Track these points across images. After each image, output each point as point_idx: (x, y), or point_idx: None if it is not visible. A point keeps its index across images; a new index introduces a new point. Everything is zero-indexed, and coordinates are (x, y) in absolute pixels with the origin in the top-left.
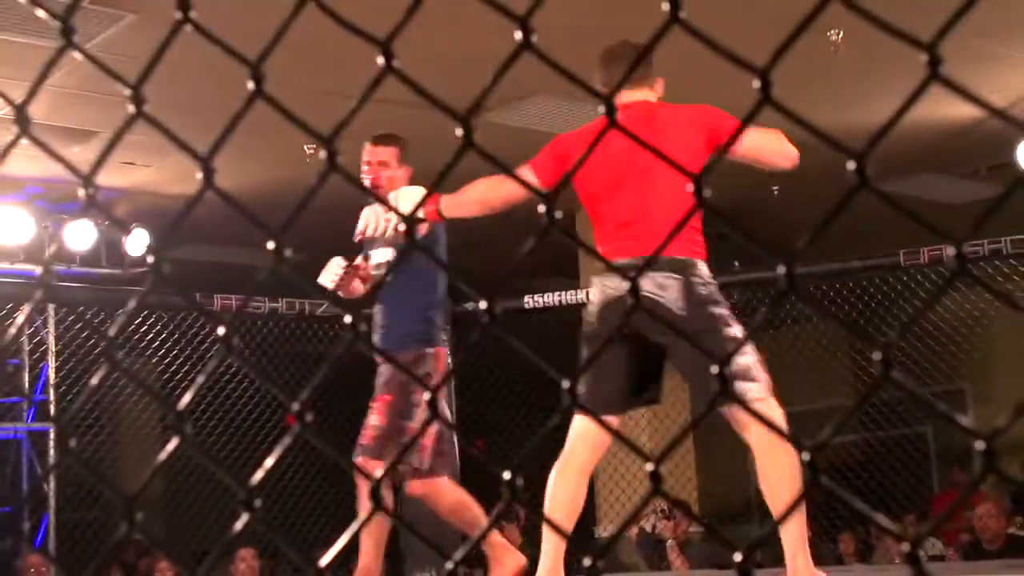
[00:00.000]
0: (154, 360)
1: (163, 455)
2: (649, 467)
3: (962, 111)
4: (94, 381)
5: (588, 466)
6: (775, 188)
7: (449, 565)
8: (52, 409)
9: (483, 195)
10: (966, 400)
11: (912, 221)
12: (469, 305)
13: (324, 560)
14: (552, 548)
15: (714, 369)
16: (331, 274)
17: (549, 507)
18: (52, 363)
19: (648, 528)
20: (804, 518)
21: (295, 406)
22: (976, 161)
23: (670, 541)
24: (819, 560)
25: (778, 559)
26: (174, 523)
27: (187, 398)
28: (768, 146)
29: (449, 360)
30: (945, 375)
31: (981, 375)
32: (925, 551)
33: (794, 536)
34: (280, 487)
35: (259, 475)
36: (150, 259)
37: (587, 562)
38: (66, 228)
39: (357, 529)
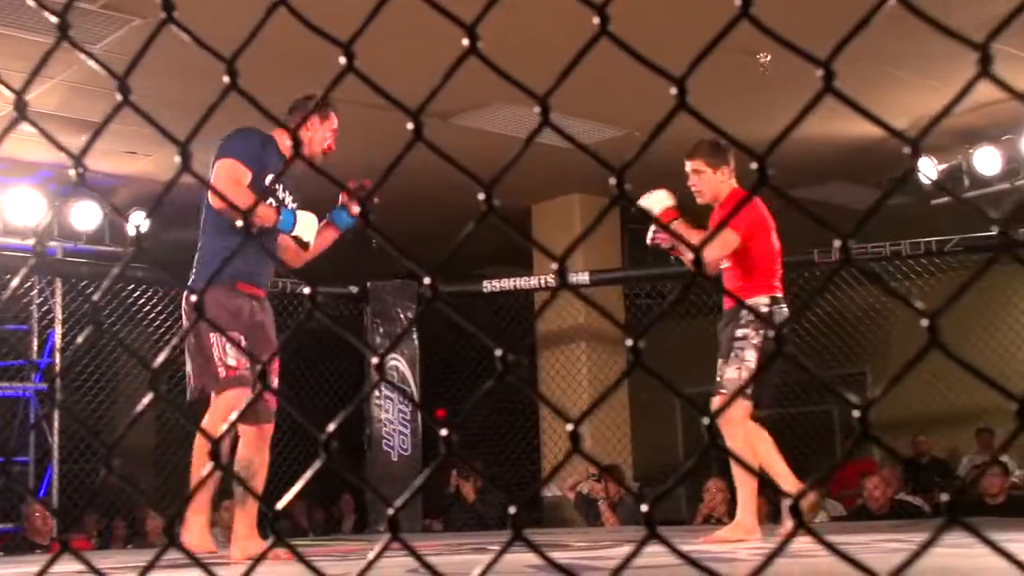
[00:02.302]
0: (150, 329)
1: (138, 409)
2: (569, 427)
3: (872, 128)
4: (79, 340)
5: None
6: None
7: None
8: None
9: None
10: (867, 382)
11: (809, 219)
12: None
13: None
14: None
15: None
16: None
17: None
18: (59, 330)
19: (584, 491)
20: (754, 484)
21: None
22: (883, 172)
23: (601, 501)
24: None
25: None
26: (164, 477)
27: (161, 358)
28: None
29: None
30: (849, 359)
31: (881, 359)
32: (828, 511)
33: (743, 497)
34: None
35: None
36: (132, 236)
37: (512, 510)
38: (72, 209)
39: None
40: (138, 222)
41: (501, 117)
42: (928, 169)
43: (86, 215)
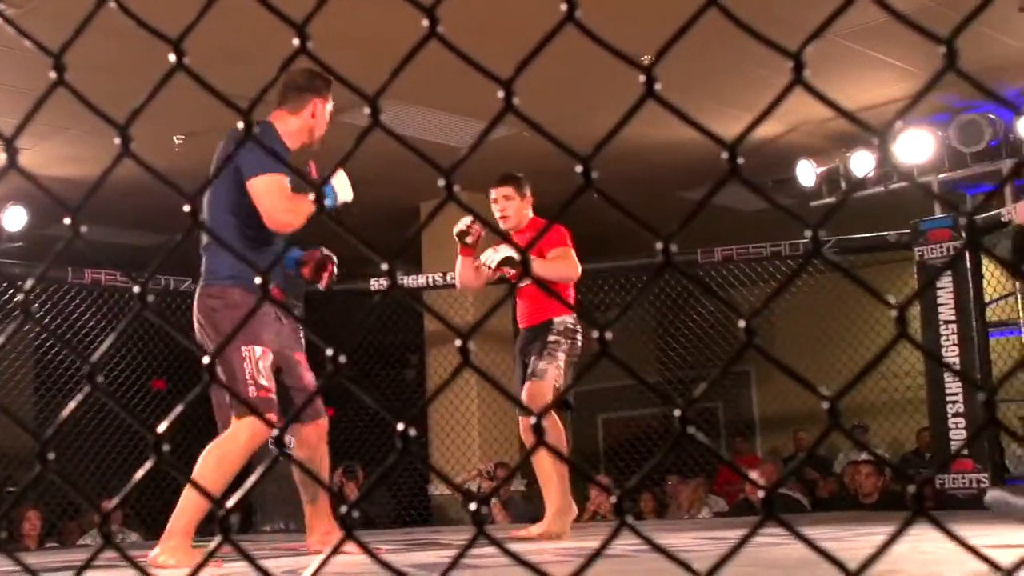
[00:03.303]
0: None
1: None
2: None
3: (756, 132)
4: None
5: None
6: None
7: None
8: None
9: None
10: (751, 380)
11: (633, 222)
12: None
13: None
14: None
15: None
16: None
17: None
18: None
19: (474, 488)
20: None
21: (86, 367)
22: (764, 175)
23: (493, 499)
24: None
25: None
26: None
27: None
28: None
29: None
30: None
31: (763, 358)
32: (710, 507)
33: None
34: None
35: (51, 431)
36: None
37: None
38: None
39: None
40: (13, 217)
41: (388, 116)
42: (807, 172)
43: None
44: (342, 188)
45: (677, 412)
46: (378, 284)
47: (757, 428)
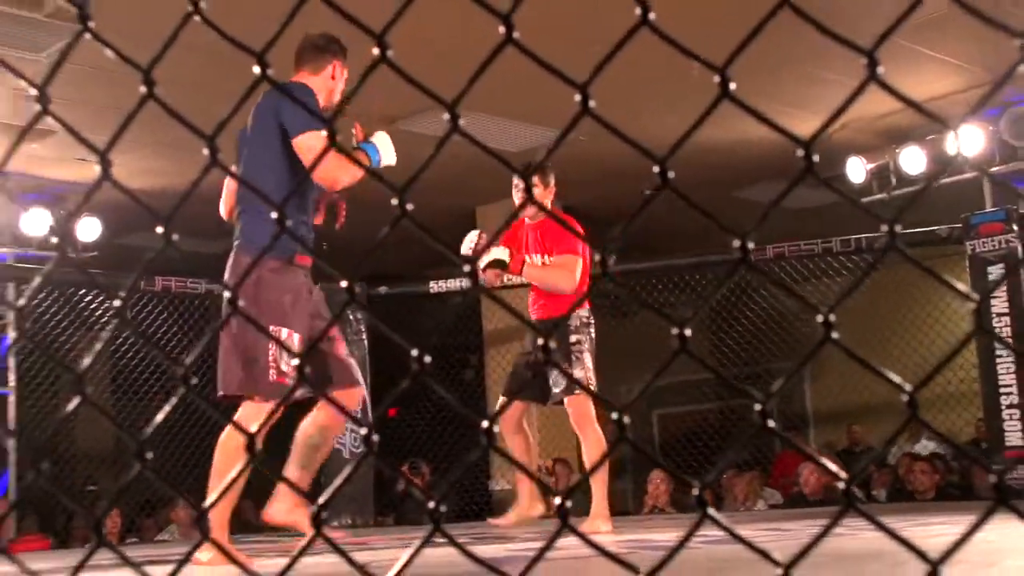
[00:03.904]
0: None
1: (67, 410)
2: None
3: (803, 129)
4: (9, 343)
5: None
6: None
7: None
8: (11, 374)
9: None
10: (804, 375)
11: (705, 217)
12: (382, 289)
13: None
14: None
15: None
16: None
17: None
18: (11, 334)
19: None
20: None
21: (179, 370)
22: (816, 172)
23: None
24: (684, 507)
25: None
26: (124, 476)
27: (86, 362)
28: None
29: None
30: (787, 354)
31: (815, 355)
32: (765, 499)
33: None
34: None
35: (149, 429)
36: (55, 241)
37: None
38: (22, 216)
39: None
40: (52, 224)
41: (440, 123)
42: (857, 169)
43: (36, 222)
44: (385, 150)
45: (757, 407)
46: (437, 286)
47: (811, 423)
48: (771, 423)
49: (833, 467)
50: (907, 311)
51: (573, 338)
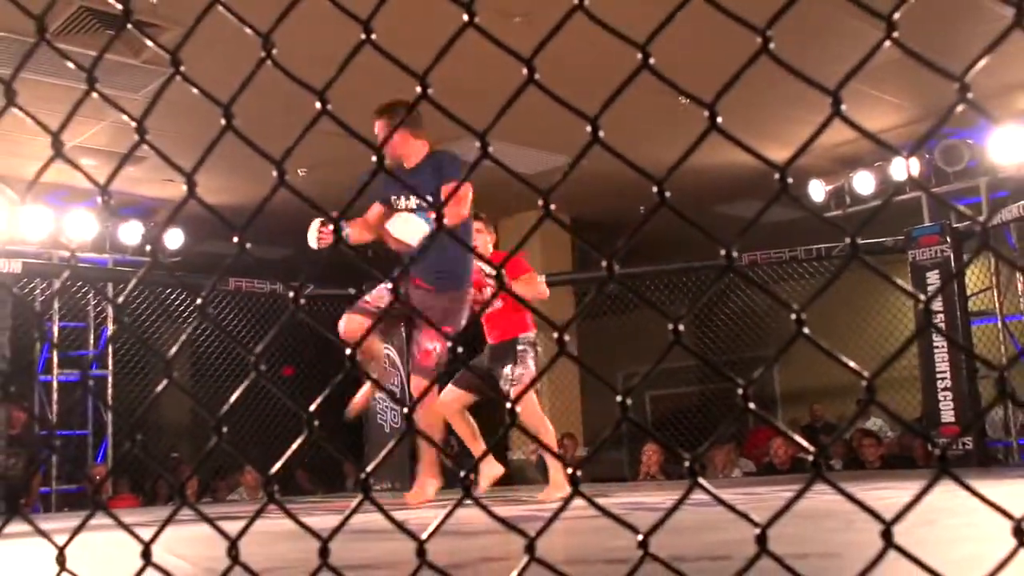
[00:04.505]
0: (184, 325)
1: (155, 392)
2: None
3: (777, 155)
4: (109, 334)
5: None
6: (641, 208)
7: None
8: (110, 360)
9: None
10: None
11: (697, 230)
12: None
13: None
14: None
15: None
16: (313, 234)
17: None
18: (110, 326)
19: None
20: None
21: (251, 358)
22: (787, 191)
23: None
24: (672, 475)
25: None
26: (200, 445)
27: (173, 350)
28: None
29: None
30: (758, 344)
31: (783, 345)
32: (740, 468)
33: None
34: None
35: (226, 408)
36: (147, 249)
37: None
38: (120, 227)
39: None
40: (144, 233)
41: (475, 148)
42: (818, 190)
43: (132, 232)
44: (401, 230)
45: (741, 390)
46: None
47: (779, 403)
48: (751, 404)
49: (803, 441)
50: (858, 309)
51: (520, 347)
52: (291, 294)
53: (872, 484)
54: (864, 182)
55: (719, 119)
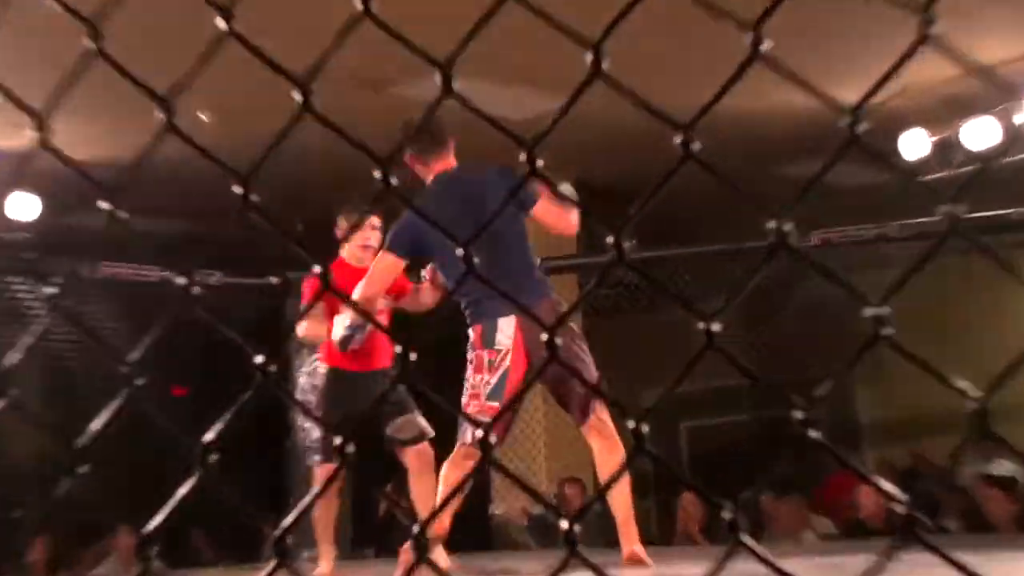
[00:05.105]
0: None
1: None
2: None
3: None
4: None
5: None
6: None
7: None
8: None
9: None
10: (852, 381)
11: (735, 194)
12: None
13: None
14: None
15: None
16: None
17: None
18: None
19: (535, 512)
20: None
21: (123, 368)
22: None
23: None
24: (714, 537)
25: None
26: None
27: (12, 360)
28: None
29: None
30: (831, 357)
31: (869, 355)
32: (814, 529)
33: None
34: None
35: (85, 439)
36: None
37: None
38: None
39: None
40: (25, 205)
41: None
42: (916, 142)
43: None
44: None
45: (799, 414)
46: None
47: (864, 437)
48: (813, 433)
49: (889, 487)
50: (976, 306)
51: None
52: (183, 280)
53: (1002, 553)
54: (981, 132)
55: (766, 44)
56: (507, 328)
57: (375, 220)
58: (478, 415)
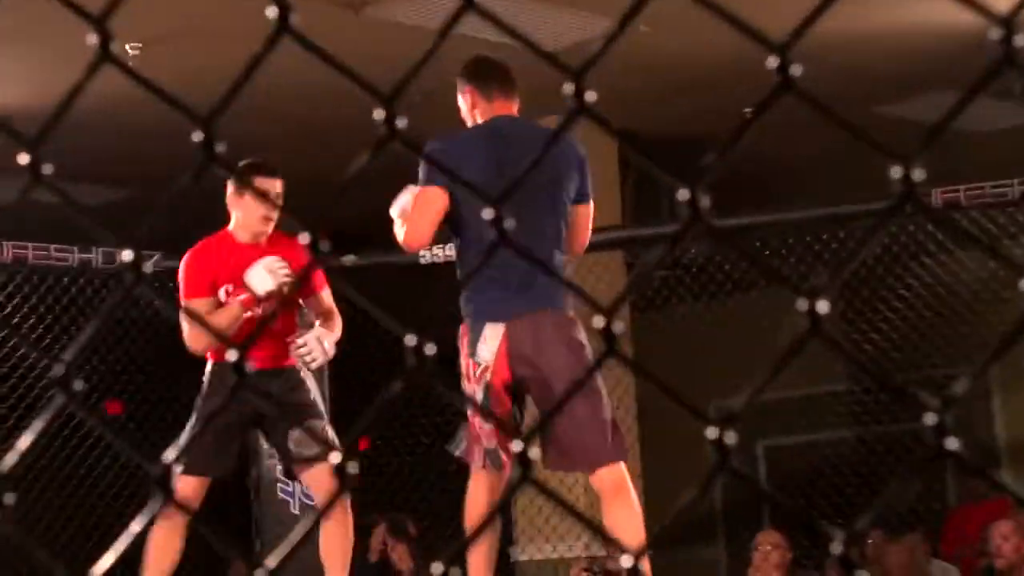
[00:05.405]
0: None
1: None
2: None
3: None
4: None
5: None
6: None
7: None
8: None
9: None
10: (990, 391)
11: (857, 138)
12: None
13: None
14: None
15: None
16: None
17: None
18: None
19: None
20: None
21: (58, 370)
22: (1010, 77)
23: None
24: None
25: None
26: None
27: None
28: None
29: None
30: (955, 355)
31: (1007, 356)
32: None
33: None
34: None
35: (11, 459)
36: None
37: None
38: None
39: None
40: None
41: (432, 6)
42: None
43: None
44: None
45: (931, 419)
46: (430, 255)
47: (1003, 460)
48: (952, 443)
49: (1003, 530)
50: None
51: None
52: (128, 257)
53: None
54: None
55: None
56: (491, 340)
57: (278, 186)
58: (481, 431)
